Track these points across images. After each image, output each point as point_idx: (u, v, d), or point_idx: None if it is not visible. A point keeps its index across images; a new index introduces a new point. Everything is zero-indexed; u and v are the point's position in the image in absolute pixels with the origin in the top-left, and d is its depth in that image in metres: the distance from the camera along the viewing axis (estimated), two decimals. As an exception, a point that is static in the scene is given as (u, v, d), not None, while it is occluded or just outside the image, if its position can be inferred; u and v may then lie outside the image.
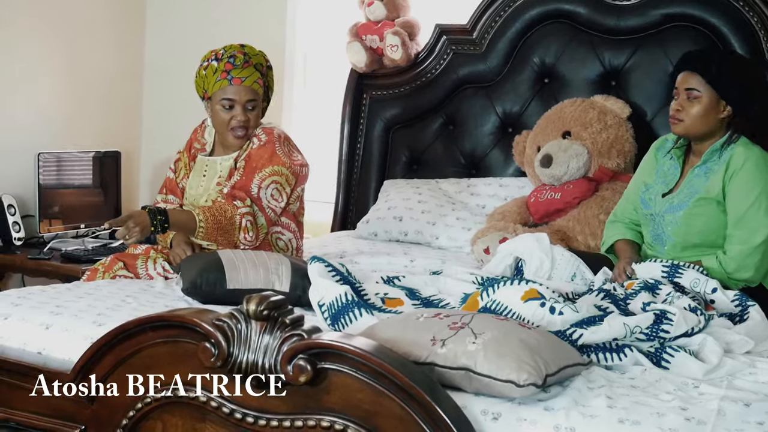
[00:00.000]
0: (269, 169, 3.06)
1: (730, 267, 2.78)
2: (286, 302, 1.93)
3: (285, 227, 3.18)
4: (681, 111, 2.89)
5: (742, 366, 2.24)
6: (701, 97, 2.86)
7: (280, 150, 3.09)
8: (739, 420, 1.89)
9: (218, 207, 2.94)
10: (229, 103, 3.09)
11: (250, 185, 3.03)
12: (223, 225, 2.92)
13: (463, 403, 1.89)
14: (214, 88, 3.10)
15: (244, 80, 3.09)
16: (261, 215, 3.02)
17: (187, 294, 2.66)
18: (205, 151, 3.25)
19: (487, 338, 1.97)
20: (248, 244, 2.98)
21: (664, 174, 3.02)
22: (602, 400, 1.94)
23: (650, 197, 3.01)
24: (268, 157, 3.07)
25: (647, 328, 2.28)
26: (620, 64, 3.78)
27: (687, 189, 2.92)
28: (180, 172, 3.27)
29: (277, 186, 3.07)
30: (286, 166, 3.09)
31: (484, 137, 4.02)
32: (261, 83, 3.14)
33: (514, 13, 3.96)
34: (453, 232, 3.70)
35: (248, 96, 3.10)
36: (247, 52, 3.14)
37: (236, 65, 3.09)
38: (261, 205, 3.03)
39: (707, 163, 2.91)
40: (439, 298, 2.66)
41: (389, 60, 4.12)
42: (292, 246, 3.19)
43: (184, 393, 2.02)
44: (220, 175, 3.15)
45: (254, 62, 3.14)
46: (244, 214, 2.96)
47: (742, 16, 3.59)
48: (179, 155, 3.31)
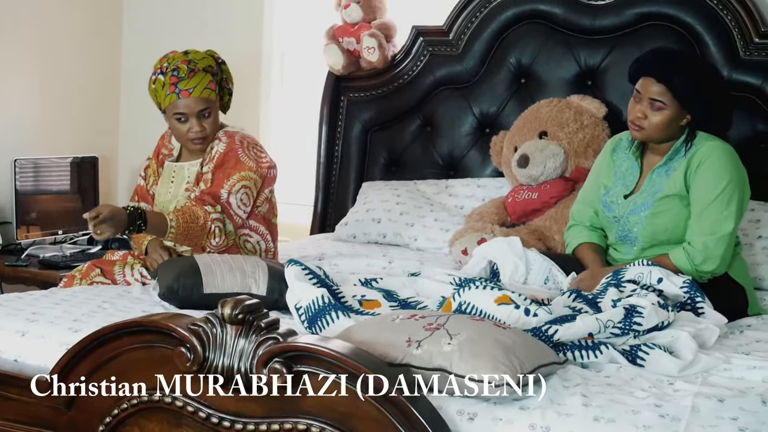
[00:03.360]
0: (237, 175, 3.05)
1: (697, 259, 2.79)
2: (262, 306, 1.93)
3: (253, 229, 3.16)
4: (643, 119, 2.86)
5: (716, 362, 2.26)
6: (665, 109, 2.84)
7: (244, 155, 3.08)
8: (713, 416, 1.91)
9: (191, 211, 2.92)
10: (182, 116, 3.07)
11: (220, 191, 3.02)
12: (194, 230, 2.91)
13: (439, 403, 1.90)
14: (166, 102, 3.09)
15: (192, 91, 3.05)
16: (229, 222, 3.02)
17: (164, 299, 2.66)
18: (173, 157, 3.24)
19: (462, 339, 1.98)
20: (214, 248, 2.98)
21: (623, 175, 3.02)
22: (578, 398, 1.95)
23: (612, 200, 3.01)
24: (233, 164, 3.06)
25: (620, 322, 2.31)
26: (596, 64, 3.80)
27: (649, 188, 2.93)
28: (149, 179, 3.26)
29: (246, 191, 3.06)
30: (252, 170, 3.08)
31: (461, 138, 4.03)
32: (213, 87, 3.11)
33: (490, 14, 3.96)
34: (431, 234, 3.70)
35: (199, 106, 3.07)
36: (192, 59, 3.09)
37: (181, 77, 3.05)
38: (229, 213, 3.02)
39: (669, 162, 2.92)
40: (417, 300, 2.67)
41: (366, 62, 4.12)
42: (260, 248, 3.18)
43: (160, 398, 2.01)
44: (188, 181, 3.15)
45: (201, 67, 3.09)
46: (214, 220, 2.95)
47: (716, 15, 3.61)
48: (148, 162, 3.30)
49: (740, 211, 2.84)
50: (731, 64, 3.55)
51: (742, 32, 3.56)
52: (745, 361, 2.29)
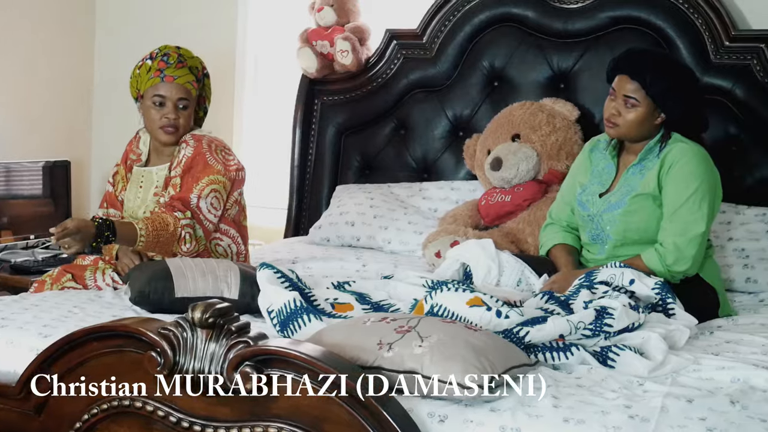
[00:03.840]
0: (206, 179, 3.04)
1: (669, 259, 2.81)
2: (232, 309, 1.92)
3: (224, 233, 3.16)
4: (617, 116, 2.90)
5: (686, 363, 2.28)
6: (639, 106, 2.87)
7: (212, 158, 3.08)
8: (682, 416, 1.92)
9: (160, 219, 2.91)
10: (160, 99, 3.08)
11: (190, 196, 3.02)
12: (164, 238, 2.90)
13: (410, 406, 1.90)
14: (147, 85, 3.09)
15: (177, 78, 3.08)
16: (199, 227, 3.01)
17: (136, 303, 2.65)
18: (141, 162, 3.23)
19: (433, 341, 1.99)
20: (185, 254, 2.96)
21: (600, 174, 3.04)
22: (548, 399, 1.96)
23: (587, 198, 3.03)
24: (201, 168, 3.05)
25: (590, 324, 2.33)
26: (568, 67, 3.82)
27: (624, 187, 2.95)
28: (118, 185, 3.25)
29: (216, 195, 3.06)
30: (221, 173, 3.08)
31: (435, 141, 4.04)
32: (195, 85, 3.13)
33: (464, 17, 3.98)
34: (405, 236, 3.71)
35: (180, 94, 3.08)
36: (183, 54, 3.14)
37: (170, 63, 3.08)
38: (199, 218, 3.01)
39: (643, 161, 2.94)
40: (390, 303, 2.66)
41: (340, 65, 4.12)
42: (232, 251, 3.18)
43: (130, 402, 2.00)
44: (157, 185, 3.13)
45: (189, 64, 3.13)
46: (184, 226, 2.94)
47: (687, 19, 3.64)
48: (116, 168, 3.29)
49: (712, 212, 2.87)
50: (702, 67, 3.58)
51: (712, 36, 3.60)
52: (715, 362, 2.30)
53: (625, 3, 3.71)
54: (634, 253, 2.90)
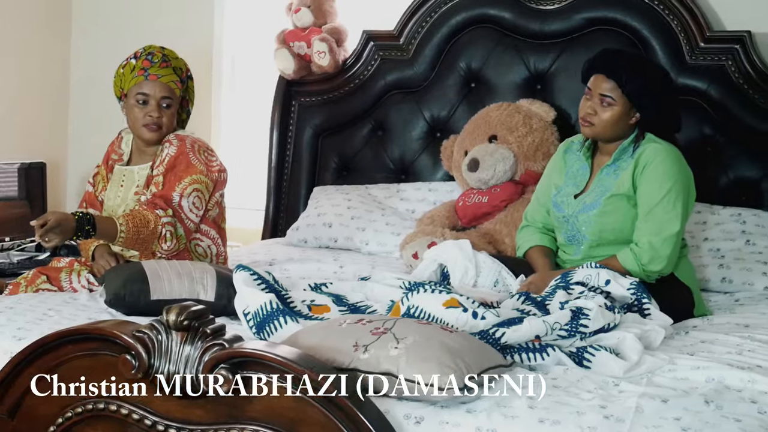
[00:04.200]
0: (189, 178, 3.04)
1: (644, 259, 2.82)
2: (207, 312, 1.92)
3: (204, 234, 3.15)
4: (593, 115, 2.91)
5: (661, 363, 2.28)
6: (614, 105, 2.89)
7: (195, 159, 3.07)
8: (657, 416, 1.93)
9: (141, 216, 2.90)
10: (144, 97, 3.07)
11: (172, 194, 3.01)
12: (144, 235, 2.89)
13: (386, 408, 1.90)
14: (131, 84, 3.09)
15: (161, 77, 3.07)
16: (180, 226, 3.00)
17: (111, 306, 2.63)
18: (123, 161, 3.22)
19: (409, 343, 1.99)
20: (165, 253, 2.96)
21: (574, 175, 3.05)
22: (524, 400, 1.96)
23: (562, 200, 3.04)
24: (184, 167, 3.05)
25: (566, 325, 2.33)
26: (545, 68, 3.83)
27: (598, 188, 2.97)
28: (98, 186, 3.23)
29: (198, 194, 3.05)
30: (203, 174, 3.07)
31: (412, 142, 4.05)
32: (179, 86, 3.12)
33: (441, 18, 3.98)
34: (382, 238, 3.71)
35: (164, 92, 3.08)
36: (167, 54, 3.14)
37: (154, 63, 3.08)
38: (180, 216, 3.00)
39: (617, 161, 2.95)
40: (366, 305, 2.66)
41: (317, 66, 4.12)
42: (212, 252, 3.17)
43: (105, 406, 1.99)
44: (138, 184, 3.12)
45: (174, 65, 3.13)
46: (165, 224, 2.93)
47: (662, 20, 3.66)
48: (97, 169, 3.28)
49: (686, 211, 2.89)
50: (678, 68, 3.60)
51: (688, 37, 3.62)
52: (690, 362, 2.31)
53: (601, 4, 3.73)
54: (609, 253, 2.91)
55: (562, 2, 3.78)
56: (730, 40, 3.58)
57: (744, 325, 2.73)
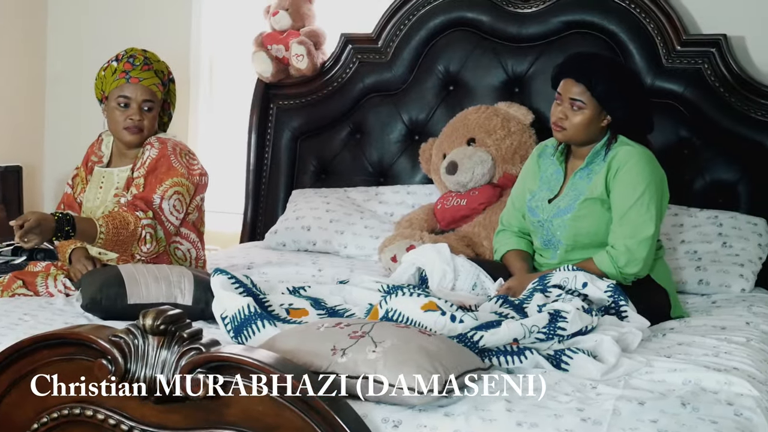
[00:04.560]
0: (169, 181, 3.03)
1: (620, 261, 2.83)
2: (184, 316, 1.91)
3: (184, 237, 3.15)
4: (564, 119, 2.92)
5: (638, 365, 2.29)
6: (585, 108, 2.90)
7: (177, 162, 3.07)
8: (634, 419, 1.93)
9: (121, 217, 2.89)
10: (125, 100, 3.06)
11: (153, 196, 3.00)
12: (124, 236, 2.88)
13: (364, 412, 1.89)
14: (112, 86, 3.08)
15: (142, 80, 3.07)
16: (161, 229, 2.99)
17: (87, 310, 2.62)
18: (102, 163, 3.20)
19: (387, 346, 1.98)
20: (145, 255, 2.95)
21: (548, 179, 3.06)
22: (502, 403, 1.96)
23: (536, 204, 3.05)
24: (165, 170, 3.04)
25: (544, 327, 2.34)
26: (523, 71, 3.84)
27: (572, 192, 2.97)
28: (77, 187, 3.22)
29: (179, 197, 3.05)
30: (185, 177, 3.07)
31: (391, 145, 4.05)
32: (160, 89, 3.12)
33: (419, 21, 3.99)
34: (361, 241, 3.71)
35: (145, 95, 3.07)
36: (149, 57, 3.13)
37: (135, 65, 3.08)
38: (161, 219, 3.00)
39: (590, 165, 2.96)
40: (345, 308, 2.66)
41: (295, 69, 4.11)
42: (191, 256, 3.16)
43: (81, 411, 1.98)
44: (117, 186, 3.11)
45: (155, 68, 3.12)
46: (145, 226, 2.92)
47: (639, 23, 3.68)
48: (77, 171, 3.27)
49: (660, 213, 2.90)
50: (654, 71, 3.62)
51: (664, 40, 3.64)
52: (667, 364, 2.32)
53: (579, 8, 3.75)
54: (586, 256, 2.92)
55: (540, 6, 3.79)
56: (706, 43, 3.60)
57: (721, 327, 2.75)
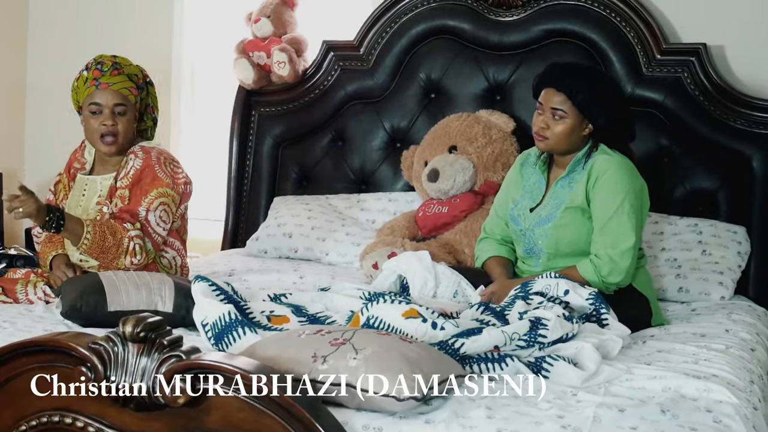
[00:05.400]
0: (155, 192, 3.03)
1: (604, 270, 2.84)
2: (164, 323, 1.90)
3: (169, 246, 3.15)
4: (546, 129, 2.93)
5: (619, 372, 2.30)
6: (566, 118, 2.91)
7: (161, 171, 3.06)
8: (614, 426, 1.94)
9: (109, 224, 2.90)
10: (97, 107, 3.05)
11: (138, 209, 3.00)
12: (110, 243, 2.88)
13: (344, 419, 1.89)
14: (84, 95, 3.07)
15: (112, 85, 3.05)
16: (148, 240, 2.99)
17: (67, 317, 2.61)
18: (85, 170, 3.19)
19: (368, 353, 1.98)
20: (134, 267, 2.95)
21: (531, 188, 3.07)
22: (482, 410, 1.97)
23: (519, 213, 3.06)
24: (150, 180, 3.04)
25: (525, 335, 2.34)
26: (504, 79, 3.85)
27: (553, 200, 2.99)
28: (60, 194, 3.21)
29: (165, 208, 3.04)
30: (170, 187, 3.06)
31: (372, 152, 4.05)
32: (134, 92, 3.10)
33: (401, 29, 3.99)
34: (343, 248, 3.70)
35: (116, 100, 3.05)
36: (119, 62, 3.12)
37: (104, 71, 3.06)
38: (148, 231, 2.99)
39: (571, 173, 2.98)
40: (326, 315, 2.66)
41: (277, 76, 4.11)
42: (176, 264, 3.16)
43: (60, 419, 1.97)
44: (100, 194, 3.10)
45: (127, 72, 3.10)
46: (133, 237, 2.92)
47: (619, 32, 3.70)
48: (59, 177, 3.26)
49: (640, 222, 2.91)
50: (634, 79, 3.64)
51: (644, 49, 3.66)
52: (647, 371, 2.33)
53: (559, 16, 3.76)
54: (568, 265, 2.93)
55: (521, 14, 3.81)
56: (686, 52, 3.62)
57: (700, 335, 2.77)
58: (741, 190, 3.54)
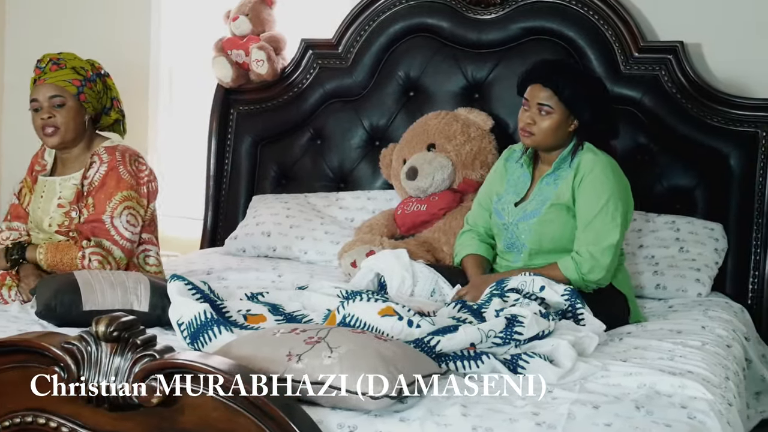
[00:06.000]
0: (119, 195, 3.01)
1: (584, 268, 2.85)
2: (138, 323, 1.90)
3: (148, 242, 3.14)
4: (532, 124, 2.94)
5: (594, 369, 2.31)
6: (553, 113, 2.93)
7: (125, 172, 3.04)
8: (589, 422, 1.95)
9: (61, 247, 2.97)
10: (37, 104, 3.04)
11: (102, 216, 2.98)
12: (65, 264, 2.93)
13: (319, 417, 1.89)
14: (30, 95, 3.07)
15: (48, 79, 3.03)
16: (117, 248, 2.98)
17: (42, 317, 2.60)
18: (46, 171, 3.18)
19: (343, 352, 1.99)
20: None
21: (515, 183, 3.08)
22: (457, 408, 1.98)
23: (503, 207, 3.07)
24: (114, 184, 3.02)
25: (501, 332, 2.35)
26: (483, 77, 3.86)
27: (539, 196, 2.99)
28: (25, 198, 3.20)
29: (130, 212, 3.03)
30: (134, 188, 3.05)
31: (351, 151, 4.04)
32: (76, 83, 3.05)
33: (379, 27, 3.99)
34: (321, 246, 3.70)
35: (51, 92, 3.03)
36: (63, 57, 3.09)
37: (43, 68, 3.06)
38: (114, 239, 2.98)
39: (557, 170, 2.99)
40: (303, 314, 2.66)
41: (255, 75, 4.10)
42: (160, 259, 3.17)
43: (34, 419, 1.96)
44: (61, 196, 3.08)
45: (70, 65, 3.07)
46: (87, 255, 2.93)
47: (597, 30, 3.71)
48: (22, 183, 3.25)
49: (625, 221, 2.93)
50: (613, 77, 3.65)
51: (622, 47, 3.67)
52: (622, 368, 2.34)
53: (538, 14, 3.76)
54: (547, 261, 2.94)
55: (500, 12, 3.81)
56: (664, 50, 3.63)
57: (677, 331, 2.78)
58: (718, 188, 3.56)
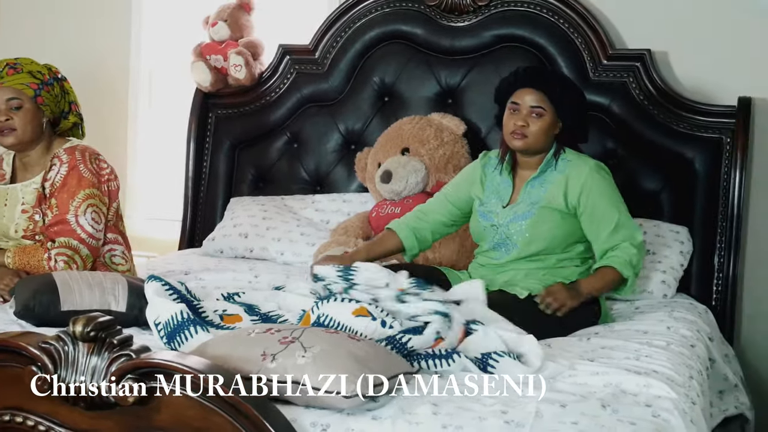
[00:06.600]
0: (81, 194, 3.04)
1: (634, 259, 2.96)
2: (114, 323, 1.93)
3: (113, 242, 3.17)
4: (526, 127, 2.99)
5: (562, 368, 2.36)
6: (545, 115, 2.99)
7: (86, 170, 3.07)
8: (556, 421, 1.99)
9: (27, 251, 2.99)
10: None
11: (67, 216, 3.01)
12: (32, 266, 2.96)
13: (293, 416, 1.92)
14: None
15: (5, 83, 3.05)
16: (83, 247, 3.01)
17: (20, 317, 2.62)
18: (6, 180, 3.20)
19: (316, 351, 2.02)
20: None
21: (496, 189, 3.13)
22: (428, 407, 2.01)
23: (490, 210, 3.11)
24: (76, 182, 3.05)
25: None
26: (456, 83, 3.91)
27: (527, 199, 3.05)
28: None
29: (94, 209, 3.06)
30: (96, 186, 3.08)
31: (327, 154, 4.09)
32: (32, 86, 3.07)
33: (355, 33, 4.04)
34: (298, 248, 3.75)
35: (7, 95, 3.05)
36: (19, 62, 3.11)
37: (0, 74, 3.07)
38: (80, 237, 3.01)
39: (543, 174, 3.05)
40: (278, 314, 2.70)
41: (233, 79, 4.14)
42: (129, 257, 3.20)
43: (11, 418, 1.98)
44: (24, 202, 3.11)
45: (27, 69, 3.09)
46: (53, 256, 2.96)
47: (567, 37, 3.77)
48: None
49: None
50: (582, 84, 3.66)
51: (591, 54, 3.73)
52: (590, 368, 2.39)
53: (509, 22, 3.82)
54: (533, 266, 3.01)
55: (473, 20, 3.87)
56: (632, 57, 3.70)
57: (643, 332, 2.84)
58: (683, 192, 3.63)
